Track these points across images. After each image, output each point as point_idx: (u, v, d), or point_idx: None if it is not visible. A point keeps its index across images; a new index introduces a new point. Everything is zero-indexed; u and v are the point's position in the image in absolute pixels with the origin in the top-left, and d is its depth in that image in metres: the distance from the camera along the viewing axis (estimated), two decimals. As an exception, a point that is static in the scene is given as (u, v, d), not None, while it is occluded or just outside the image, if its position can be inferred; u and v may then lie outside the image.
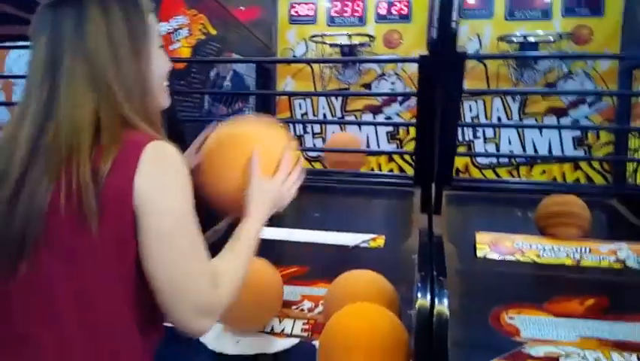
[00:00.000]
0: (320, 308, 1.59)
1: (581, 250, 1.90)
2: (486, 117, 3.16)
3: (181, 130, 1.96)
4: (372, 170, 3.37)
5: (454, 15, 1.35)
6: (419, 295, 1.14)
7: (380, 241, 2.10)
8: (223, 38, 2.49)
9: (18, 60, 3.64)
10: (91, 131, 0.77)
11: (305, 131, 3.46)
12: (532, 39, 2.94)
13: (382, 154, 3.39)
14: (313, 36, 3.35)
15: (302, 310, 1.62)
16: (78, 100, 0.79)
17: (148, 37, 0.87)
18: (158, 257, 0.78)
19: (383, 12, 3.32)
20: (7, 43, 2.74)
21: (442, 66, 1.51)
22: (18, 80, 3.53)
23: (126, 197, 0.76)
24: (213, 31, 2.31)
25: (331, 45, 3.33)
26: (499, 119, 3.15)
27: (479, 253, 1.92)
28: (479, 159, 3.21)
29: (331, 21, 3.39)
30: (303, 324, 1.53)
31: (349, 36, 3.27)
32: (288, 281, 1.73)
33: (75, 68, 0.80)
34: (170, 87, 0.98)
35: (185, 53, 2.02)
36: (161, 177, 0.79)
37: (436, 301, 1.11)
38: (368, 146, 3.37)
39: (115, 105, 0.80)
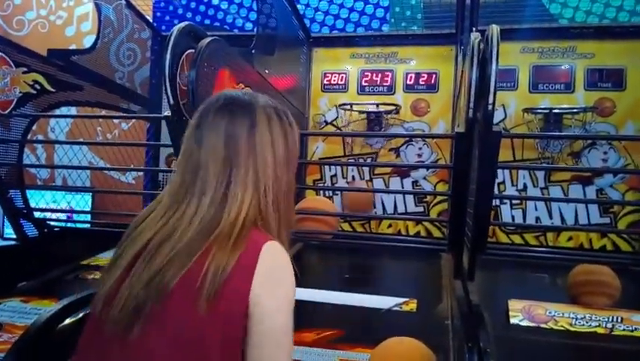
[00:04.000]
0: (360, 373, 1.63)
1: (613, 320, 1.93)
2: (512, 183, 3.25)
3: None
4: (399, 231, 3.46)
5: (491, 98, 1.47)
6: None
7: (412, 305, 2.12)
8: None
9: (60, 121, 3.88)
10: (239, 226, 0.88)
11: (334, 193, 3.57)
12: (556, 110, 3.06)
13: (416, 220, 3.47)
14: (342, 104, 3.52)
15: (342, 375, 1.65)
16: (244, 196, 0.91)
17: (297, 153, 1.02)
18: (269, 350, 0.86)
19: (411, 82, 3.49)
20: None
21: (477, 143, 1.62)
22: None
23: (243, 295, 0.86)
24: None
25: (360, 112, 3.51)
26: (525, 185, 3.23)
27: (512, 320, 1.96)
28: (506, 223, 3.28)
29: (361, 90, 3.57)
30: (344, 389, 1.56)
31: (377, 105, 3.44)
32: (326, 345, 1.77)
33: (248, 168, 0.93)
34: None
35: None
36: (274, 277, 0.89)
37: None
38: (396, 207, 3.48)
39: (263, 207, 0.93)
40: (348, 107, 3.51)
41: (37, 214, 2.81)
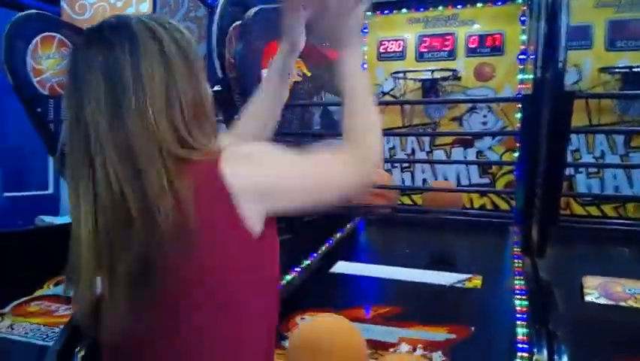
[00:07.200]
0: (419, 352, 1.56)
1: (699, 297, 1.75)
2: (588, 150, 3.02)
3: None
4: (463, 204, 3.31)
5: (561, 54, 1.32)
6: (535, 350, 1.09)
7: (477, 281, 2.04)
8: (316, 77, 2.58)
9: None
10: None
11: (393, 166, 3.46)
12: (636, 69, 2.79)
13: (482, 192, 3.33)
14: (396, 72, 3.38)
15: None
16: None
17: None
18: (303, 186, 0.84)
19: (473, 45, 3.30)
20: None
21: (547, 105, 1.47)
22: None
23: (235, 219, 0.78)
24: (308, 73, 2.40)
25: (415, 80, 3.36)
26: (602, 152, 3.00)
27: (587, 298, 1.82)
28: (582, 194, 3.07)
29: (420, 56, 3.41)
30: (400, 369, 1.49)
31: (432, 72, 3.28)
32: (382, 322, 1.71)
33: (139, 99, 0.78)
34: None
35: (284, 96, 2.12)
36: (254, 164, 0.81)
37: (556, 358, 1.05)
38: (459, 179, 3.33)
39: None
40: (402, 75, 3.37)
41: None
